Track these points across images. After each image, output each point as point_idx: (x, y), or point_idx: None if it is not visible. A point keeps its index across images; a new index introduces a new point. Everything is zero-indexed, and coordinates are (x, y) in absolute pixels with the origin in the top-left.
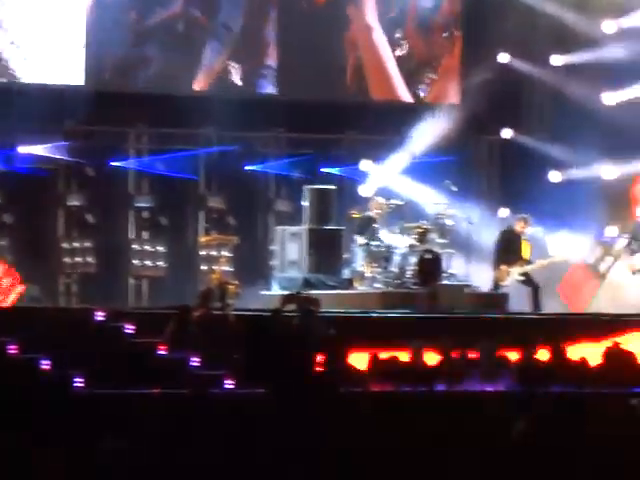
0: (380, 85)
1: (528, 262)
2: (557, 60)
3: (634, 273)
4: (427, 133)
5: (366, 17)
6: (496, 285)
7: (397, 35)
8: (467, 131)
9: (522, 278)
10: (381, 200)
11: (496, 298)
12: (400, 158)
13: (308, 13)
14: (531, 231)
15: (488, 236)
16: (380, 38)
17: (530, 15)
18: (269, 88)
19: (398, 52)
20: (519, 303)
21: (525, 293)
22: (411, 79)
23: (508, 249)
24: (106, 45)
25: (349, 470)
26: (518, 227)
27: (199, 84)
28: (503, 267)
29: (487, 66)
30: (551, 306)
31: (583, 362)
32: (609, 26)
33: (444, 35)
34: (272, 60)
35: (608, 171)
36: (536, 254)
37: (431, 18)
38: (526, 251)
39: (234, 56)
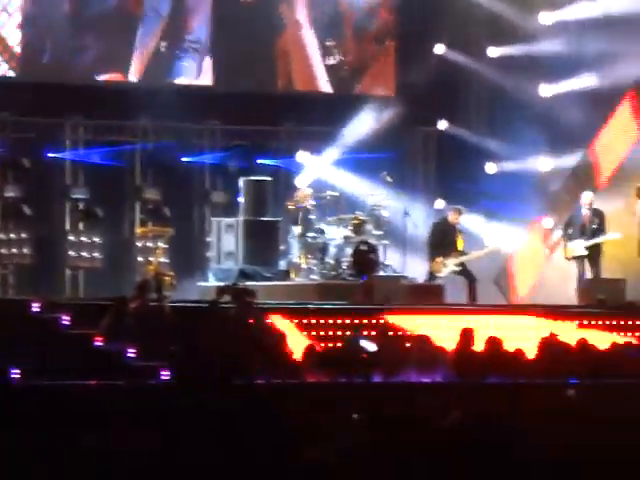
0: (306, 81)
1: (463, 253)
2: (494, 52)
3: (570, 259)
4: (364, 125)
5: (296, 14)
6: (432, 276)
7: (329, 43)
8: (403, 123)
9: (458, 269)
10: (307, 191)
11: (432, 289)
12: (336, 150)
13: (241, 6)
14: (465, 222)
15: (424, 227)
16: (309, 35)
17: (467, 7)
18: (202, 78)
19: (331, 60)
20: (455, 294)
21: (461, 284)
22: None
23: (442, 240)
24: (41, 35)
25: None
26: (452, 218)
27: (134, 73)
28: (438, 259)
29: (423, 58)
30: (487, 297)
31: (519, 353)
32: (545, 18)
33: (379, 42)
34: (203, 49)
35: (544, 163)
36: (471, 245)
37: (367, 24)
38: (460, 242)
39: (166, 44)
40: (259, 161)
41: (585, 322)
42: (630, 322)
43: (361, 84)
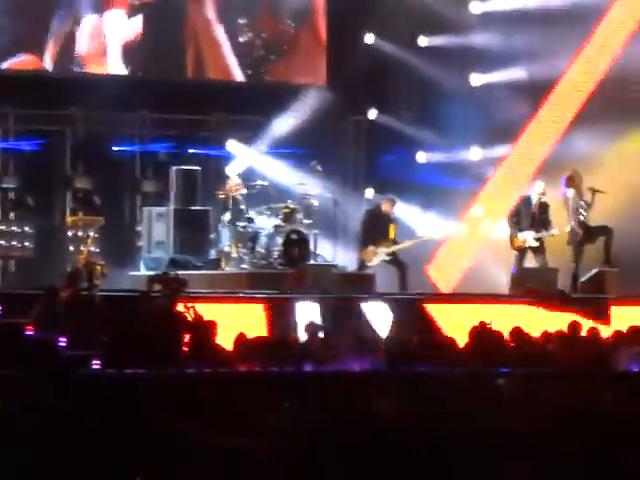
0: (219, 67)
1: (394, 242)
2: (424, 42)
3: (517, 249)
4: (295, 114)
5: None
6: (362, 265)
7: (241, 21)
8: (334, 112)
9: (389, 258)
10: (238, 180)
11: (363, 278)
12: (267, 140)
13: None
14: (398, 211)
15: (354, 217)
16: (217, 25)
17: None
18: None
19: (244, 38)
20: (386, 283)
21: (393, 273)
22: (259, 63)
23: (374, 229)
24: None
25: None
26: (384, 207)
27: (48, 58)
28: (370, 248)
29: (354, 47)
30: (419, 286)
31: (451, 342)
32: (476, 8)
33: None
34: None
35: (475, 153)
36: (404, 234)
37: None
38: (392, 231)
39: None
40: (189, 150)
41: (516, 310)
42: (561, 311)
43: (286, 68)
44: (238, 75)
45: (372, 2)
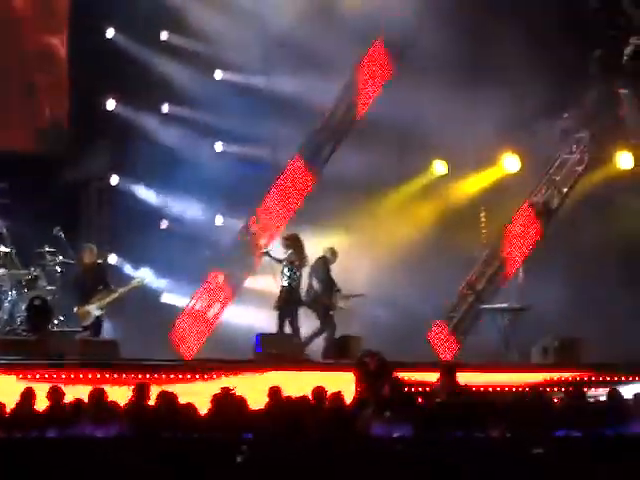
0: None
1: (106, 294)
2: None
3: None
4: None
5: None
6: (84, 327)
7: None
8: (76, 178)
9: (103, 312)
10: None
11: (106, 344)
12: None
13: None
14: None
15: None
16: None
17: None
18: None
19: None
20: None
21: None
22: None
23: (83, 286)
24: None
25: None
26: (87, 258)
27: None
28: (81, 308)
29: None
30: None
31: (191, 407)
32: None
33: None
34: None
35: (218, 219)
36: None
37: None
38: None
39: None
40: None
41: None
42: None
43: None
44: None
45: (116, 71)
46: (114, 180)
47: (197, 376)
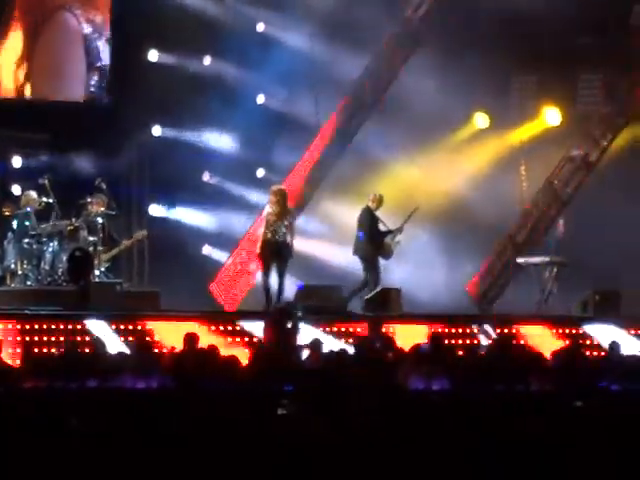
0: None
1: (111, 247)
2: None
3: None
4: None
5: None
6: None
7: None
8: (117, 128)
9: (108, 264)
10: (33, 195)
11: (148, 295)
12: (49, 156)
13: None
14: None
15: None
16: None
17: None
18: None
19: None
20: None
21: None
22: None
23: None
24: None
25: None
26: (96, 208)
27: None
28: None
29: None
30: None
31: (233, 359)
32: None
33: None
34: None
35: None
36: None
37: None
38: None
39: None
40: None
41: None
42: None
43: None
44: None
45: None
46: (156, 131)
47: (238, 328)
